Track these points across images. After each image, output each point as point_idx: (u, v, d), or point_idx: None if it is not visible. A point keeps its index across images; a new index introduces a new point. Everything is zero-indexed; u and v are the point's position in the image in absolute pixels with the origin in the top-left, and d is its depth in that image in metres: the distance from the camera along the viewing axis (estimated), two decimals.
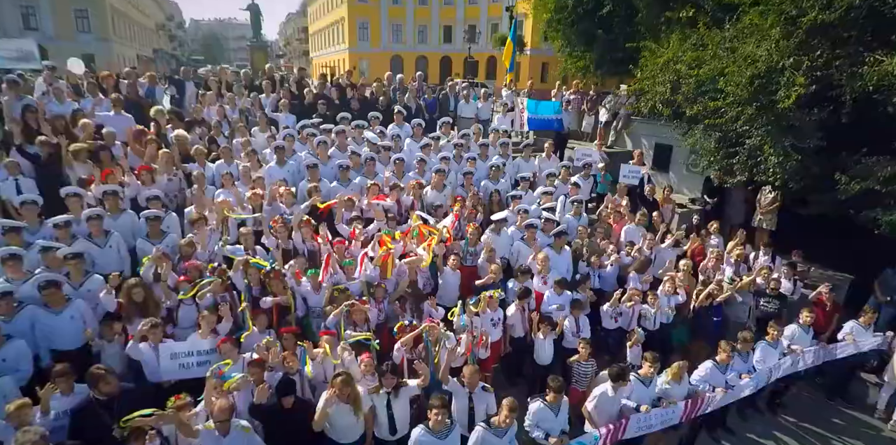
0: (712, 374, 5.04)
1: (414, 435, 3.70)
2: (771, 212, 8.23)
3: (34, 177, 5.96)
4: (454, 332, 4.83)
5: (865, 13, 6.10)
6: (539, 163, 8.44)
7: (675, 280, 6.21)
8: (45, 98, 7.42)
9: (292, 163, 6.90)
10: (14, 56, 8.67)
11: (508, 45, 10.45)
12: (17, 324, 4.14)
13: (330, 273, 5.16)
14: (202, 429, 3.49)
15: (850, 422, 6.26)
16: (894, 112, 5.92)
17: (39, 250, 4.55)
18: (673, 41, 7.73)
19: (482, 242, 6.23)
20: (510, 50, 10.46)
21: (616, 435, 4.40)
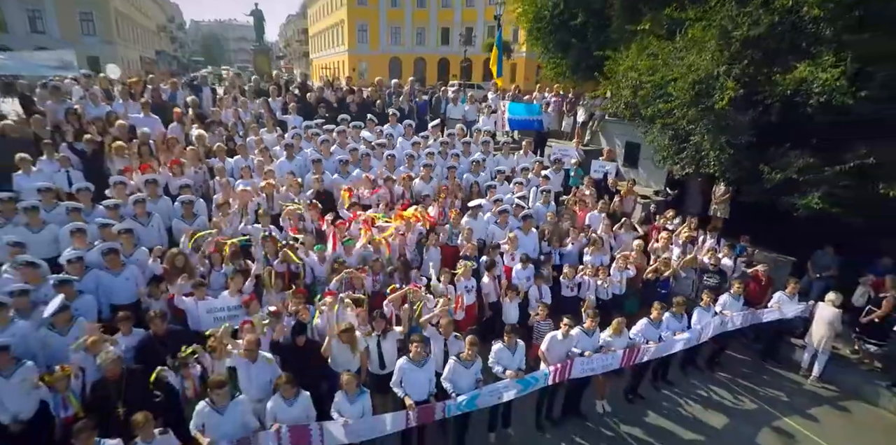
0: (647, 330, 6.15)
1: (398, 364, 4.83)
2: (724, 202, 9.35)
3: (81, 169, 7.09)
4: (433, 295, 5.94)
5: (789, 28, 7.24)
6: (517, 159, 9.57)
7: (628, 257, 7.34)
8: (83, 101, 8.56)
9: (299, 158, 8.05)
10: (55, 65, 9.85)
11: (494, 52, 11.62)
12: (86, 283, 5.26)
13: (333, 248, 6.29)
14: (236, 355, 4.61)
15: (777, 378, 7.37)
16: (811, 113, 7.04)
17: (99, 226, 5.67)
18: (632, 51, 8.86)
19: (462, 225, 7.35)
20: (496, 56, 11.58)
21: (563, 373, 5.51)
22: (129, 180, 6.62)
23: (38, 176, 6.71)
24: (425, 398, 4.84)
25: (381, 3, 53.16)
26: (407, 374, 4.81)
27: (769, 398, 6.86)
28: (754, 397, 6.86)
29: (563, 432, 5.96)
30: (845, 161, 6.90)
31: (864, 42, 6.52)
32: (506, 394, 5.17)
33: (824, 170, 6.99)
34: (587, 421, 6.14)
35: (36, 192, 6.17)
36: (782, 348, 7.80)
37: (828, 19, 6.62)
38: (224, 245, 5.95)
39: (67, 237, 5.56)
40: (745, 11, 7.30)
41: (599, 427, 6.08)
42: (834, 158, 7.02)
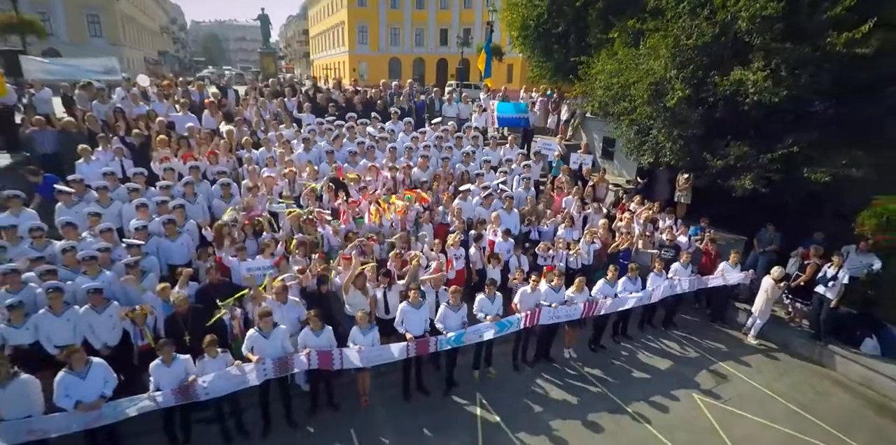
0: (604, 288, 7.51)
1: (400, 307, 6.20)
2: (686, 189, 10.68)
3: (131, 159, 8.45)
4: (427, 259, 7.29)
5: (732, 38, 8.61)
6: (503, 152, 10.94)
7: (595, 233, 8.70)
8: (125, 102, 9.93)
9: (314, 149, 9.42)
10: (101, 70, 11.23)
11: (482, 55, 12.93)
12: (149, 247, 6.62)
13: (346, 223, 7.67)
14: (270, 299, 5.96)
15: (721, 335, 8.74)
16: (748, 109, 8.41)
17: (157, 203, 7.04)
18: (602, 56, 10.23)
19: (453, 206, 8.71)
20: (484, 59, 12.92)
21: (533, 319, 6.88)
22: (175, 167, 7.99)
23: (97, 164, 8.09)
24: (421, 333, 6.20)
25: (381, 5, 54.39)
26: (407, 315, 6.18)
27: (711, 349, 8.23)
28: (698, 348, 8.23)
29: (535, 372, 7.32)
30: (775, 150, 8.27)
31: (786, 50, 7.88)
32: (486, 334, 6.53)
33: (758, 158, 8.36)
34: (555, 364, 7.50)
35: (99, 176, 7.55)
36: (728, 311, 9.17)
37: (757, 31, 8.00)
38: (259, 220, 7.32)
39: (132, 211, 6.93)
40: (695, 24, 8.68)
41: (565, 368, 7.44)
42: (766, 147, 8.39)
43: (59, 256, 6.05)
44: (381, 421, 6.14)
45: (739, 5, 8.03)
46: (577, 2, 11.23)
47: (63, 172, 7.94)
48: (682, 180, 10.59)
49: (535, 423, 6.21)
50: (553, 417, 6.33)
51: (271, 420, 5.92)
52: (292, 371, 5.70)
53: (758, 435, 6.22)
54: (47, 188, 7.42)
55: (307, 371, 5.87)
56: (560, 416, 6.35)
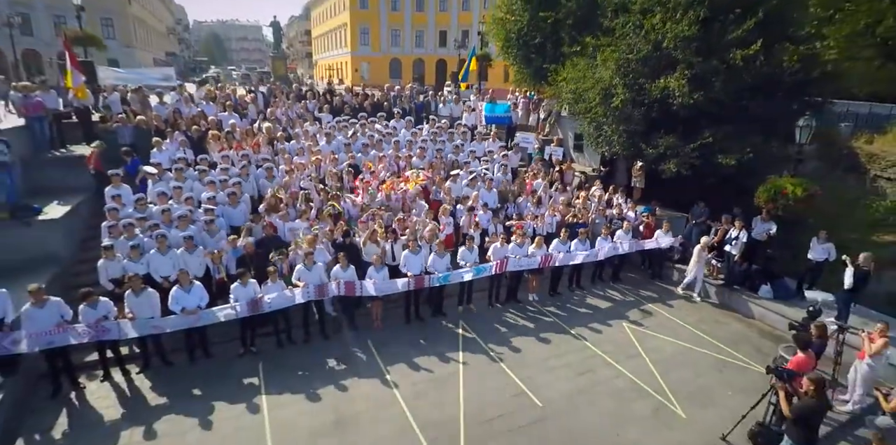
0: (557, 246, 9.95)
1: (402, 254, 8.65)
2: (639, 175, 13.13)
3: (191, 149, 10.91)
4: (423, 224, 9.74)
5: (661, 53, 11.03)
6: (486, 145, 13.40)
7: (556, 208, 11.14)
8: (179, 104, 12.40)
9: (334, 142, 11.87)
10: (160, 78, 13.68)
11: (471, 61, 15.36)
12: (217, 212, 9.07)
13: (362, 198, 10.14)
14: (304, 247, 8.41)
15: (656, 288, 11.16)
16: (676, 109, 10.83)
17: (220, 180, 9.50)
18: (567, 66, 12.68)
19: (445, 187, 11.15)
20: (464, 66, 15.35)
21: (502, 267, 9.32)
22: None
23: (166, 152, 10.55)
24: (418, 273, 8.64)
25: (382, 7, 56.71)
26: (408, 259, 8.62)
27: (646, 296, 10.67)
28: (636, 296, 10.67)
29: (505, 309, 9.78)
30: (695, 141, 10.71)
31: (701, 63, 10.31)
32: (466, 275, 8.99)
33: (683, 147, 10.80)
34: (521, 304, 9.95)
35: (169, 161, 10.02)
36: (665, 270, 11.60)
37: (679, 48, 10.43)
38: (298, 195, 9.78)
39: (201, 187, 9.39)
40: (634, 41, 11.12)
41: (528, 307, 9.89)
42: (689, 139, 10.83)
43: (158, 215, 8.49)
44: (389, 336, 8.59)
45: (666, 28, 10.48)
46: (550, 19, 13.66)
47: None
48: (637, 168, 13.04)
49: (500, 338, 8.66)
50: (514, 335, 8.78)
51: (311, 334, 8.38)
52: (327, 295, 8.15)
53: (663, 347, 8.65)
54: (133, 168, 9.92)
55: (336, 300, 8.32)
56: (519, 335, 8.80)
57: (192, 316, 7.28)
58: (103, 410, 6.67)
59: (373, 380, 7.36)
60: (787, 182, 9.89)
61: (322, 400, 6.89)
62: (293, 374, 7.45)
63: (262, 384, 7.22)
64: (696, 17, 10.28)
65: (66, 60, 11.62)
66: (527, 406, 6.90)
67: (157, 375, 7.41)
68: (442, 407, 6.77)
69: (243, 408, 6.70)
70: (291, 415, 6.57)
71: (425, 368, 7.71)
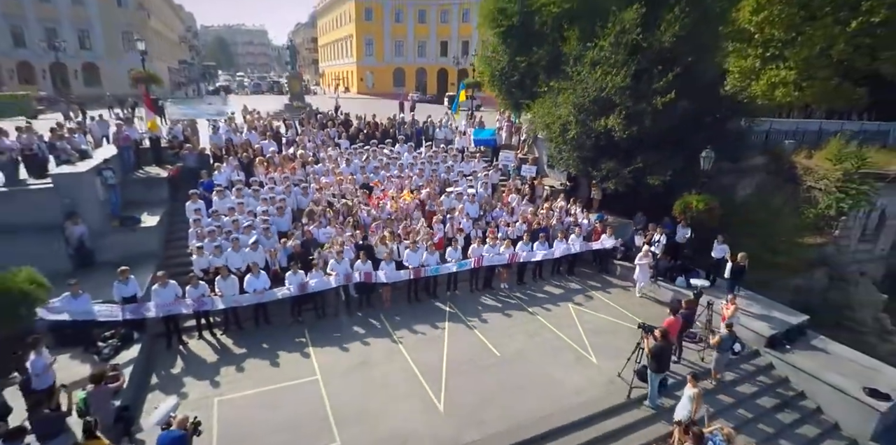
0: (522, 247, 13.33)
1: (404, 251, 12.06)
2: (597, 189, 16.50)
3: (243, 171, 14.37)
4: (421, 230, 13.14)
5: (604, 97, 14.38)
6: (473, 165, 16.81)
7: (525, 217, 14.52)
8: (228, 133, 15.87)
9: (352, 165, 15.29)
10: (214, 113, 17.14)
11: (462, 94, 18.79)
12: (270, 221, 12.50)
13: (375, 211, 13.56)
14: (335, 246, 11.83)
15: (602, 279, 14.51)
16: (618, 140, 14.19)
17: (269, 197, 12.94)
18: (537, 103, 16.05)
19: (438, 201, 14.56)
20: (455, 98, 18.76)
21: (479, 262, 12.71)
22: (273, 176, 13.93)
23: (224, 174, 14.00)
24: (417, 266, 12.03)
25: (386, 19, 60.22)
26: (409, 256, 12.03)
27: (591, 285, 14.03)
28: (584, 285, 14.04)
29: (482, 293, 13.18)
30: (631, 165, 14.07)
31: (632, 106, 13.66)
32: (452, 268, 12.39)
33: (621, 170, 14.17)
34: (494, 290, 13.34)
35: (228, 181, 13.46)
36: (609, 265, 14.95)
37: (617, 94, 13.79)
38: (328, 207, 13.21)
39: (256, 202, 12.83)
40: (585, 87, 14.46)
41: (499, 293, 13.29)
42: (627, 164, 14.19)
43: (230, 224, 11.91)
44: (395, 311, 12.00)
45: (608, 80, 13.83)
46: (524, 63, 17.06)
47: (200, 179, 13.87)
48: (594, 183, 16.42)
49: (475, 313, 12.05)
50: (486, 312, 12.17)
51: (339, 309, 11.80)
52: (352, 282, 11.55)
53: (594, 320, 12.01)
54: (206, 186, 13.38)
55: (357, 285, 11.73)
56: (490, 311, 12.19)
57: (260, 294, 10.71)
58: (204, 356, 10.10)
59: (384, 339, 10.79)
60: (693, 198, 13.23)
61: (350, 351, 10.32)
62: (329, 335, 10.88)
63: (308, 341, 10.65)
64: (630, 71, 13.64)
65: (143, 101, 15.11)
66: (488, 355, 10.31)
67: (234, 335, 10.84)
68: (431, 355, 10.18)
69: (298, 355, 10.13)
70: (330, 359, 9.99)
71: (421, 332, 11.13)
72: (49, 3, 48.16)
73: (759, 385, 10.53)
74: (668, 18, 13.64)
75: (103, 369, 7.75)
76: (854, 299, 21.02)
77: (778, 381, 10.74)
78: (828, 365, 10.70)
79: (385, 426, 8.17)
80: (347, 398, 8.79)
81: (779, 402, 10.20)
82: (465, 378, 9.51)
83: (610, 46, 14.03)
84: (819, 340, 11.81)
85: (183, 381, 9.21)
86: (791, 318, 12.06)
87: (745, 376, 10.64)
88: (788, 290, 20.36)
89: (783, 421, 9.82)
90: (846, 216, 20.61)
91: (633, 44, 13.83)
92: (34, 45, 48.44)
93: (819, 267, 21.14)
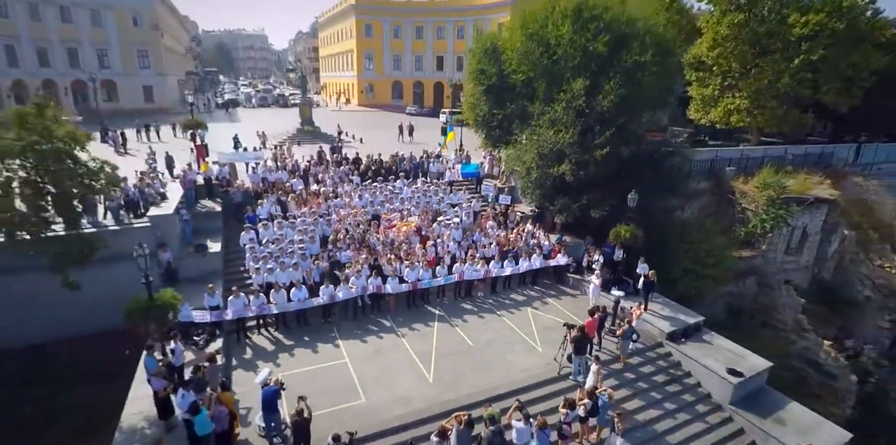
0: (494, 264, 17.88)
1: (405, 269, 16.61)
2: (558, 216, 21.04)
3: (280, 206, 18.89)
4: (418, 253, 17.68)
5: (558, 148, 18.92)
6: (459, 196, 21.36)
7: (499, 240, 19.06)
8: (265, 172, 20.40)
9: (363, 199, 19.80)
10: (253, 157, 21.66)
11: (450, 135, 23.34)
12: (304, 247, 17.05)
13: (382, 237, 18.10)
14: (355, 266, 16.39)
15: (557, 289, 19.07)
16: (569, 181, 18.71)
17: (302, 228, 17.47)
18: (510, 147, 20.56)
19: (432, 228, 19.09)
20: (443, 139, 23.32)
21: (462, 276, 17.27)
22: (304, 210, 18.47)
23: (264, 209, 18.52)
24: (414, 280, 16.55)
25: (385, 35, 64.62)
26: (408, 273, 16.56)
27: (549, 294, 18.59)
28: (542, 293, 18.60)
29: (463, 301, 17.74)
30: (578, 201, 18.62)
31: (579, 157, 18.17)
32: (441, 282, 16.96)
33: (571, 205, 18.72)
34: (472, 298, 17.89)
35: (268, 215, 17.98)
36: (564, 278, 19.49)
37: (567, 147, 18.31)
38: (346, 234, 17.73)
39: (293, 232, 17.36)
40: (545, 138, 18.96)
41: (476, 300, 17.86)
42: (575, 200, 18.73)
43: (277, 250, 16.41)
44: (398, 314, 16.55)
45: (560, 136, 18.35)
46: (500, 115, 21.58)
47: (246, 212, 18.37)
48: (556, 212, 20.96)
49: (458, 315, 16.61)
50: (466, 314, 16.73)
51: (357, 313, 16.34)
52: (367, 293, 16.07)
53: (545, 320, 16.55)
54: (251, 219, 17.89)
55: (371, 295, 16.23)
56: (469, 314, 16.75)
57: (302, 303, 15.22)
58: (264, 346, 14.63)
59: (391, 334, 15.34)
60: (622, 228, 17.74)
61: (367, 342, 14.86)
62: (352, 331, 15.42)
63: (337, 335, 15.19)
64: (577, 130, 18.14)
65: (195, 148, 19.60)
66: (464, 345, 14.87)
67: (283, 331, 15.36)
68: (424, 345, 14.73)
69: (330, 346, 14.67)
70: (353, 347, 14.54)
71: (417, 329, 15.68)
72: (71, 24, 52.40)
73: (657, 366, 15.09)
74: (606, 89, 18.12)
75: (213, 353, 12.28)
76: (778, 303, 25.70)
77: (672, 365, 15.32)
78: (709, 354, 15.26)
79: (393, 390, 12.72)
80: (367, 373, 13.34)
81: (669, 378, 14.76)
82: (447, 360, 14.05)
83: (562, 109, 18.54)
84: (709, 335, 16.36)
85: (255, 364, 13.73)
86: (690, 319, 16.61)
87: (648, 361, 15.21)
88: (724, 296, 25.12)
89: (670, 391, 14.37)
90: (771, 233, 25.24)
91: (580, 108, 18.34)
92: (57, 64, 52.86)
93: (749, 276, 25.81)
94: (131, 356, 13.00)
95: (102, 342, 13.97)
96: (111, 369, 13.55)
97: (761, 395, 14.61)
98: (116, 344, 13.70)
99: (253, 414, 11.46)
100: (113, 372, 13.35)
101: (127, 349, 13.58)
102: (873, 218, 32.38)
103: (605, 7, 18.70)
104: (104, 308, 12.41)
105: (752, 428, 13.60)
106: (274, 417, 10.72)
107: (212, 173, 20.04)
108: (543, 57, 19.16)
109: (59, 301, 13.79)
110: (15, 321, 14.33)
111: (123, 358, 13.37)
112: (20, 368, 14.31)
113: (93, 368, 14.14)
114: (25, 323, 14.59)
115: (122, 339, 13.47)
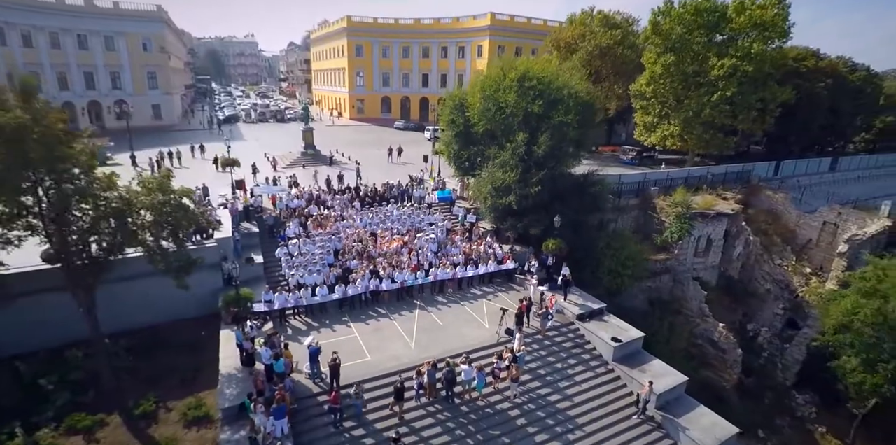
0: (460, 269, 25.51)
1: (395, 273, 24.19)
2: (513, 232, 28.69)
3: (302, 227, 26.34)
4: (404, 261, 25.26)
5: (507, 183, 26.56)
6: (435, 216, 28.95)
7: (464, 251, 26.67)
8: (291, 200, 27.87)
9: (364, 220, 27.26)
10: (280, 189, 28.88)
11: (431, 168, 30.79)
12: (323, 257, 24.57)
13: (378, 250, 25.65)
14: (361, 272, 23.96)
15: (508, 286, 26.75)
16: (517, 208, 26.34)
17: (319, 244, 24.98)
18: (475, 180, 28.15)
19: (414, 242, 26.64)
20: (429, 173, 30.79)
21: (436, 278, 24.88)
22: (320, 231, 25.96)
23: (291, 229, 25.98)
24: (402, 281, 24.10)
25: (375, 54, 71.81)
26: (397, 275, 24.12)
27: (500, 289, 26.29)
28: (496, 289, 26.29)
29: (438, 295, 25.36)
30: (522, 222, 26.28)
31: (524, 190, 25.80)
32: (421, 282, 24.54)
33: (516, 224, 26.38)
34: (445, 293, 25.50)
35: (294, 235, 25.44)
36: (513, 277, 27.14)
37: (515, 183, 25.94)
38: (353, 247, 25.24)
39: (314, 246, 24.85)
40: (500, 174, 26.54)
41: (448, 295, 25.50)
42: (520, 220, 26.39)
43: (304, 261, 23.87)
44: (391, 305, 24.18)
45: (507, 176, 25.94)
46: (466, 155, 29.15)
47: (277, 232, 25.77)
48: (507, 229, 28.59)
49: (434, 305, 24.29)
50: (439, 304, 24.40)
51: (362, 304, 23.87)
52: (369, 290, 23.59)
53: (493, 308, 24.14)
54: (282, 237, 25.33)
55: (371, 292, 23.73)
56: (441, 305, 24.42)
57: (324, 298, 22.71)
58: (299, 327, 22.14)
59: (386, 318, 22.98)
60: (550, 241, 25.39)
61: (370, 324, 22.48)
62: (359, 316, 23.01)
63: (348, 319, 22.77)
64: (519, 171, 25.74)
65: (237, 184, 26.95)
66: (436, 324, 22.56)
67: (311, 317, 22.88)
68: (409, 325, 22.40)
69: (344, 326, 22.26)
70: (360, 326, 22.18)
71: (404, 315, 23.32)
72: (87, 50, 59.08)
73: (567, 337, 22.83)
74: (541, 140, 25.72)
75: (275, 330, 19.76)
76: (687, 295, 33.69)
77: (578, 336, 23.07)
78: (602, 327, 23.02)
79: (387, 352, 20.32)
80: (370, 343, 20.92)
81: (574, 345, 22.50)
82: (424, 333, 21.68)
83: (510, 155, 26.14)
84: (608, 316, 24.13)
85: (297, 338, 21.19)
86: (595, 305, 24.35)
87: (561, 334, 22.93)
88: (645, 290, 33.15)
89: (574, 352, 22.12)
90: (681, 241, 33.17)
91: (522, 154, 25.94)
92: (76, 87, 59.56)
93: (665, 274, 33.74)
94: (207, 335, 20.50)
95: (182, 327, 21.44)
96: (195, 343, 21.00)
97: (636, 355, 22.42)
98: (194, 327, 21.29)
99: (301, 364, 18.97)
100: (194, 345, 20.81)
101: (202, 331, 21.15)
102: (779, 224, 40.62)
103: (538, 78, 26.31)
104: (186, 303, 20.02)
105: (624, 376, 21.40)
106: (316, 365, 18.25)
107: (250, 202, 27.40)
108: (496, 114, 26.76)
109: (160, 297, 21.17)
110: (135, 310, 21.63)
111: (200, 337, 20.90)
112: (138, 341, 21.66)
113: (183, 342, 21.54)
114: (140, 312, 21.89)
115: (198, 324, 21.12)
